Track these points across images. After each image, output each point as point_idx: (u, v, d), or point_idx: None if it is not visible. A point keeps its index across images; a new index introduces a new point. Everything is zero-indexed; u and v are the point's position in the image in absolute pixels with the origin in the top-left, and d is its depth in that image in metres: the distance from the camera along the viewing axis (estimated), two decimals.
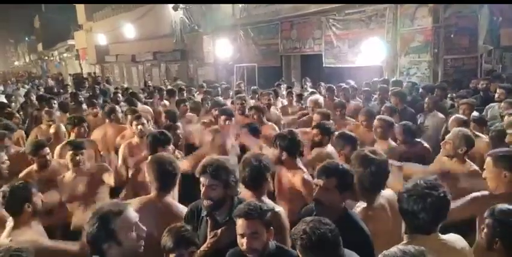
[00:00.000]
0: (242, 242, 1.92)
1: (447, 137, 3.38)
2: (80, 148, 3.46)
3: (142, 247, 1.87)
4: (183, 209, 2.55)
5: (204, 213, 2.30)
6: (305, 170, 3.18)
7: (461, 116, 4.33)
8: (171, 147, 3.41)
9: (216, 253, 2.14)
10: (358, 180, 2.38)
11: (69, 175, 3.48)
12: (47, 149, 3.72)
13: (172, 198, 2.78)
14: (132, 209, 1.93)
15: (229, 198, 2.28)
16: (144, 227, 1.91)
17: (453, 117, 4.33)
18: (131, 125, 4.37)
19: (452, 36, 7.92)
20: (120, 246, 1.86)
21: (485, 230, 1.86)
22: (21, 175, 3.65)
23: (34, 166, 3.71)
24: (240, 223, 1.93)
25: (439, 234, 1.90)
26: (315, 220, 1.73)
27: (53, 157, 3.92)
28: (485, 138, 4.06)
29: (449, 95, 6.35)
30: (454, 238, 1.93)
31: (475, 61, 7.90)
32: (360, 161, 2.46)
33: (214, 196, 2.21)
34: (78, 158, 3.41)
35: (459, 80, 7.58)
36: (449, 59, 8.10)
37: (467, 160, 3.29)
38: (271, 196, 3.14)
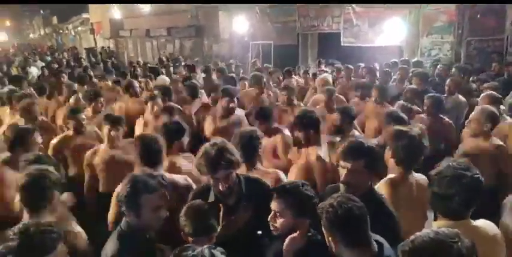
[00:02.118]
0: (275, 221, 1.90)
1: (471, 115, 3.34)
2: (117, 124, 3.47)
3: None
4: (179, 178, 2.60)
5: (212, 198, 2.22)
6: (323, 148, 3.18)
7: (495, 93, 4.23)
8: (186, 138, 3.25)
9: (230, 237, 2.11)
10: (392, 155, 2.43)
11: (103, 148, 3.50)
12: (83, 115, 3.82)
13: None
14: (163, 190, 1.98)
15: (237, 180, 2.22)
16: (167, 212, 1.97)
17: (485, 93, 4.22)
18: (146, 104, 4.43)
19: (478, 16, 7.63)
20: (137, 218, 1.95)
21: None
22: (56, 139, 3.79)
23: (70, 131, 3.81)
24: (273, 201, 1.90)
25: (471, 220, 1.84)
26: (343, 196, 1.71)
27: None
28: (510, 119, 3.99)
29: (471, 78, 6.19)
30: (486, 224, 1.87)
31: (501, 43, 7.63)
32: (392, 136, 2.49)
33: (228, 184, 2.15)
34: (113, 133, 3.43)
35: (482, 63, 7.37)
36: (473, 40, 7.84)
37: (492, 136, 3.26)
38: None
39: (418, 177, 2.51)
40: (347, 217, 1.62)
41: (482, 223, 1.87)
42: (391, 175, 2.48)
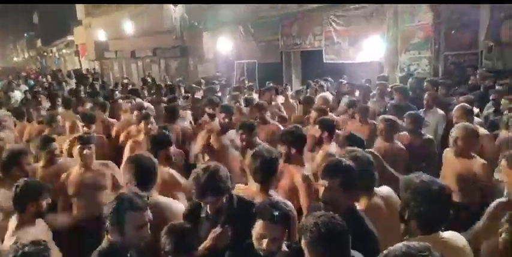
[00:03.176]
0: (261, 243, 1.89)
1: (453, 134, 3.37)
2: (87, 142, 3.46)
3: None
4: (172, 202, 2.61)
5: (203, 213, 2.30)
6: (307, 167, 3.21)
7: (467, 105, 4.34)
8: (172, 148, 3.36)
9: (215, 253, 2.14)
10: None
11: (76, 170, 3.48)
12: (55, 144, 3.74)
13: None
14: (149, 210, 2.01)
15: (228, 198, 2.27)
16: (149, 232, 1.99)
17: (458, 105, 4.34)
18: (139, 123, 4.40)
19: (453, 32, 7.91)
20: (121, 236, 1.97)
21: (503, 235, 1.85)
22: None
23: (41, 162, 3.71)
24: (263, 225, 1.89)
25: (441, 233, 1.89)
26: (325, 215, 1.73)
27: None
28: (484, 130, 4.11)
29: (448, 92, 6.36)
30: (455, 237, 1.93)
31: (476, 57, 7.89)
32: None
33: (217, 207, 2.22)
34: (85, 152, 3.41)
35: (460, 77, 7.60)
36: (450, 55, 8.10)
37: (473, 154, 3.33)
38: None
39: (383, 192, 2.53)
40: (329, 235, 1.65)
41: (451, 235, 1.92)
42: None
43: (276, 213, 1.88)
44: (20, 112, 6.12)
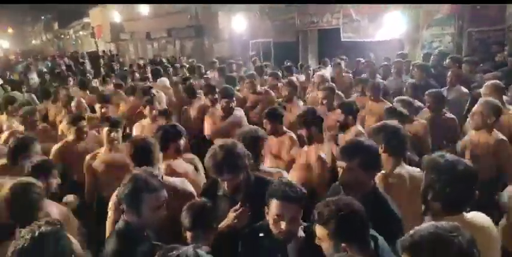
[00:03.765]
0: (280, 225, 1.83)
1: (474, 108, 3.27)
2: (116, 125, 3.46)
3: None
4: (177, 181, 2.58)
5: (220, 192, 2.27)
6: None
7: (499, 83, 4.14)
8: (183, 141, 3.16)
9: (234, 233, 2.11)
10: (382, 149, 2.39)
11: (103, 152, 3.48)
12: (85, 122, 3.81)
13: None
14: (164, 191, 1.98)
15: (245, 177, 2.23)
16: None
17: (489, 83, 4.14)
18: (144, 108, 4.41)
19: (478, 7, 7.54)
20: (137, 217, 1.95)
21: None
22: (57, 145, 3.76)
23: (70, 137, 3.78)
24: (279, 204, 1.82)
25: (465, 213, 1.81)
26: (340, 200, 1.66)
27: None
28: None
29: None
30: (480, 217, 1.84)
31: (502, 33, 7.53)
32: (375, 129, 2.51)
33: (234, 185, 2.18)
34: (113, 135, 3.42)
35: (484, 53, 7.29)
36: (474, 31, 7.75)
37: (494, 130, 3.20)
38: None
39: (411, 170, 2.49)
40: (346, 223, 1.59)
41: (474, 215, 1.83)
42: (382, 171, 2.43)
43: (290, 191, 1.82)
44: (46, 92, 6.21)
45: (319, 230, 1.65)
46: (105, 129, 3.45)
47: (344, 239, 1.59)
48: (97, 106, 4.86)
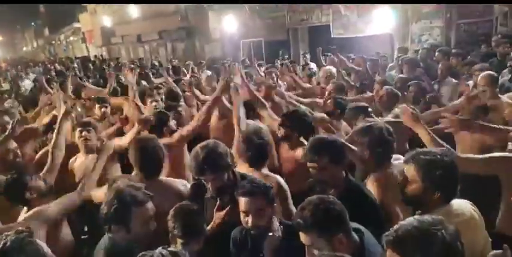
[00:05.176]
0: (247, 220, 1.87)
1: (460, 103, 3.29)
2: (85, 126, 3.44)
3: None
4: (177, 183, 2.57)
5: (208, 194, 2.27)
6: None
7: (493, 73, 4.12)
8: (173, 122, 3.54)
9: (222, 233, 2.11)
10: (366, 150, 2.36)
11: (80, 155, 3.45)
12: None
13: None
14: (151, 203, 1.94)
15: (232, 177, 2.22)
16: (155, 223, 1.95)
17: (485, 73, 4.09)
18: (146, 103, 4.60)
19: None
20: (127, 233, 1.89)
21: None
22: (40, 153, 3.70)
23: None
24: (243, 201, 1.87)
25: (452, 203, 1.81)
26: (316, 199, 1.66)
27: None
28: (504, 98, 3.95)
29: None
30: (461, 203, 1.85)
31: (490, 25, 7.57)
32: (360, 132, 2.46)
33: (218, 185, 2.16)
34: (83, 134, 3.39)
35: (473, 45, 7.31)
36: (462, 23, 7.79)
37: None
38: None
39: (399, 166, 2.46)
40: (324, 220, 1.59)
41: (457, 202, 1.83)
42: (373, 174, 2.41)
43: (250, 186, 1.87)
44: (32, 100, 6.11)
45: (303, 237, 1.65)
46: (77, 130, 3.43)
47: (324, 233, 1.59)
48: (96, 107, 4.85)
